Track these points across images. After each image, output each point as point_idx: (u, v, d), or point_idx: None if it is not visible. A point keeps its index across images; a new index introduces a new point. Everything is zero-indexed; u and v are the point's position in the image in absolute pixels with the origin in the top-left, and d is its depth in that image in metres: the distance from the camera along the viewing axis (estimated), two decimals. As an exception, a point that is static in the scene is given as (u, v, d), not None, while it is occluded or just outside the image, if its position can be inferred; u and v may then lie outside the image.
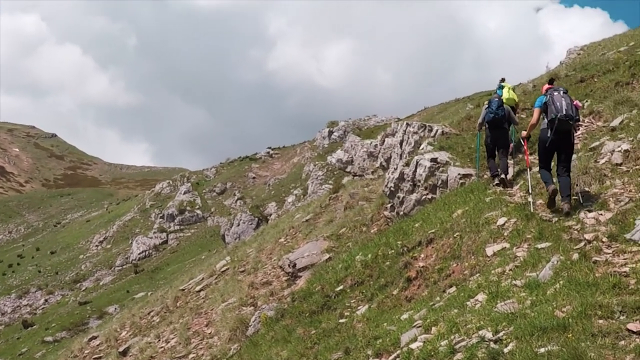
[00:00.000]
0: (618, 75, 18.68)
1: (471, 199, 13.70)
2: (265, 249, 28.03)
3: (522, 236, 10.23)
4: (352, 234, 20.96)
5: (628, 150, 12.17)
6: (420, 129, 22.58)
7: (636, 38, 26.08)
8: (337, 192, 31.07)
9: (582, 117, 16.30)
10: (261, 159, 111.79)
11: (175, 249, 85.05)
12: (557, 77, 22.52)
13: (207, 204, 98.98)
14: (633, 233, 8.67)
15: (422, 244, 12.83)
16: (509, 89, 18.17)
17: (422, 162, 17.75)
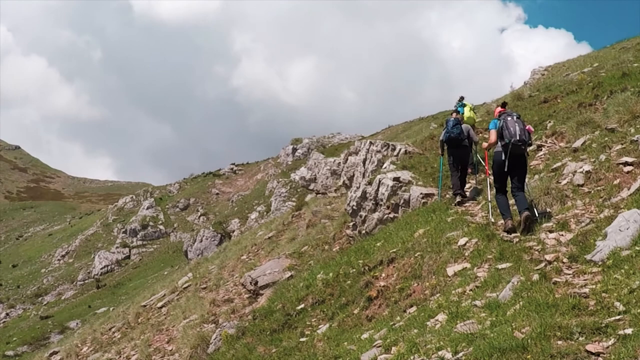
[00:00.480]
0: (581, 97, 18.81)
1: (433, 219, 13.72)
2: (227, 265, 27.90)
3: (483, 256, 10.23)
4: (314, 252, 20.91)
5: (590, 172, 12.22)
6: (384, 147, 22.62)
7: (600, 59, 26.32)
8: (300, 210, 31.02)
9: (545, 138, 16.47)
10: (225, 175, 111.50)
11: (138, 265, 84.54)
12: (522, 98, 22.72)
13: (170, 220, 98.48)
14: (593, 254, 8.67)
15: (384, 263, 12.79)
16: (470, 108, 18.71)
17: (385, 181, 17.76)
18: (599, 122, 15.17)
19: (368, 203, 18.35)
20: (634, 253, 8.05)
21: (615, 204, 10.44)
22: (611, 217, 9.77)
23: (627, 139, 12.81)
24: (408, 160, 19.97)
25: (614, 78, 18.76)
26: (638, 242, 8.37)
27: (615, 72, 19.60)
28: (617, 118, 14.55)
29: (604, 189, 11.33)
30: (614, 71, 20.25)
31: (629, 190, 10.68)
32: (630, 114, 14.27)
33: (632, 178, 11.16)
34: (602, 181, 11.75)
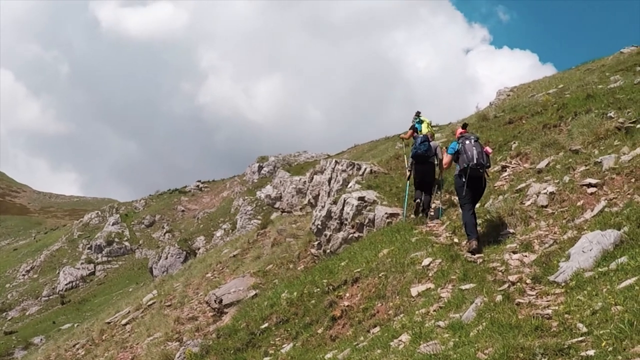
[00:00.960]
0: (546, 118, 18.92)
1: (397, 239, 13.71)
2: (192, 283, 27.77)
3: (446, 277, 10.22)
4: (279, 270, 20.85)
5: (554, 193, 12.27)
6: (349, 167, 22.68)
7: (565, 81, 26.55)
8: (266, 228, 30.95)
9: (510, 159, 16.54)
10: (191, 192, 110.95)
11: (103, 281, 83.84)
12: (487, 118, 22.84)
13: (135, 236, 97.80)
14: (557, 275, 8.69)
15: (348, 283, 12.74)
16: (426, 123, 18.80)
17: (350, 201, 17.76)
18: (563, 143, 15.26)
19: (333, 222, 18.34)
20: (596, 274, 8.07)
21: (579, 226, 10.49)
22: (575, 238, 9.80)
23: (591, 161, 12.89)
24: (373, 179, 20.02)
25: (579, 100, 18.89)
26: (601, 263, 8.39)
27: (580, 94, 19.74)
28: (581, 140, 14.65)
29: (568, 210, 11.37)
30: (578, 93, 20.39)
31: (593, 211, 10.73)
32: (594, 135, 14.37)
33: (596, 199, 11.22)
34: (565, 202, 11.80)
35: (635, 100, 16.34)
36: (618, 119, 14.76)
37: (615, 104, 16.63)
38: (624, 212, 9.74)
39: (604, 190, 11.49)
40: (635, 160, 11.60)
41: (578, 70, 30.15)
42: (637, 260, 7.87)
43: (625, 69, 24.28)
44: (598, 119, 15.36)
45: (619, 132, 13.84)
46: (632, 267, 7.76)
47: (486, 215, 13.08)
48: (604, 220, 9.88)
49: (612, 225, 9.35)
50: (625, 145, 12.70)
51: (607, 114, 15.70)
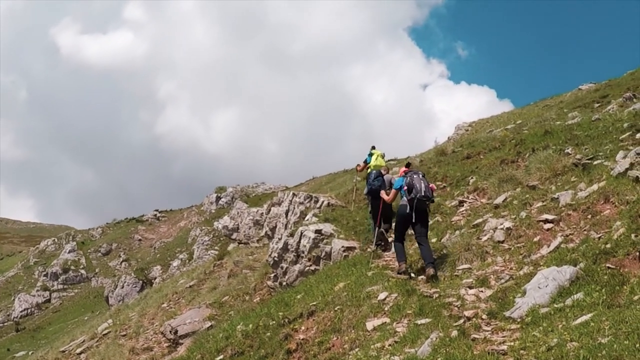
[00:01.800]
0: (504, 153, 19.04)
1: (354, 272, 13.65)
2: (148, 313, 27.50)
3: (402, 311, 10.15)
4: (235, 302, 20.71)
5: (510, 228, 12.31)
6: (307, 199, 22.68)
7: (523, 116, 26.83)
8: (222, 259, 30.82)
9: (467, 194, 16.62)
10: (148, 221, 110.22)
11: (58, 309, 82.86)
12: (445, 153, 22.97)
13: (91, 264, 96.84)
14: (512, 311, 8.67)
15: (304, 316, 12.62)
16: (377, 156, 19.22)
17: (307, 233, 17.71)
18: (520, 179, 15.35)
19: (290, 255, 18.26)
20: (552, 310, 8.05)
21: (535, 261, 10.50)
22: (531, 274, 9.80)
23: (547, 197, 12.96)
24: (330, 212, 20.02)
25: (537, 135, 19.04)
26: (557, 299, 8.39)
27: (538, 130, 19.90)
28: (538, 175, 14.74)
29: (524, 246, 11.40)
30: (536, 129, 20.56)
31: (549, 247, 10.76)
32: (551, 171, 14.47)
33: (552, 235, 11.25)
34: (522, 238, 11.84)
35: (593, 137, 16.50)
36: (575, 155, 14.87)
37: (573, 141, 16.78)
38: (580, 248, 9.76)
39: (560, 226, 11.53)
40: (591, 197, 11.67)
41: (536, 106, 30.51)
42: (593, 296, 7.87)
43: (583, 105, 24.60)
44: (555, 155, 15.47)
45: (576, 168, 13.94)
46: (588, 304, 7.76)
47: (442, 250, 13.09)
48: (560, 256, 9.89)
49: (568, 262, 9.36)
50: (582, 182, 12.79)
51: (564, 150, 15.82)
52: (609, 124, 17.22)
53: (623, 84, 28.30)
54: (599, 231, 10.20)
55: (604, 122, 17.71)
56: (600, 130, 16.90)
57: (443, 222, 15.41)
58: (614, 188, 11.35)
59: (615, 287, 8.01)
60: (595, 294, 7.94)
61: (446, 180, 19.36)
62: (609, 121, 17.62)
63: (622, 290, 7.93)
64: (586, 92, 29.94)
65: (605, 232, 10.00)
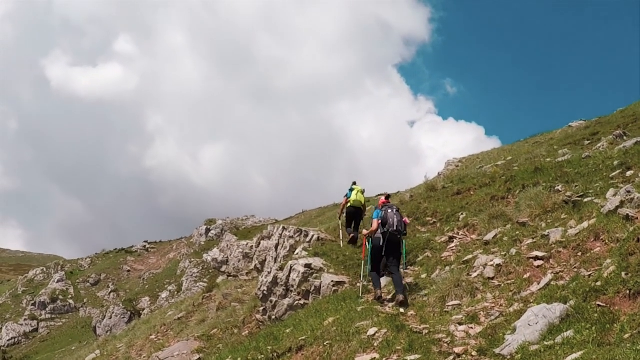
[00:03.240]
0: (494, 189, 19.08)
1: (343, 307, 13.60)
2: (135, 344, 27.34)
3: (392, 347, 10.10)
4: (224, 335, 20.58)
5: (500, 265, 12.31)
6: (297, 233, 22.72)
7: (514, 153, 26.90)
8: (211, 292, 30.66)
9: (457, 230, 16.63)
10: (137, 252, 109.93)
11: (46, 338, 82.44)
12: (435, 189, 23.01)
13: (80, 294, 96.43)
14: (502, 348, 8.65)
15: (292, 351, 12.54)
16: (357, 191, 20.76)
17: (296, 267, 17.70)
18: (510, 215, 15.39)
19: (279, 288, 18.22)
20: (542, 348, 8.04)
21: (525, 298, 10.49)
22: (521, 311, 9.79)
23: (538, 234, 12.98)
24: (320, 247, 20.02)
25: (527, 172, 19.10)
26: (547, 337, 8.37)
27: (528, 167, 19.97)
28: (528, 212, 14.78)
29: (514, 283, 11.39)
30: (526, 165, 20.64)
31: (539, 284, 10.75)
32: (541, 208, 14.51)
33: (542, 272, 11.25)
34: (512, 275, 11.83)
35: (583, 174, 16.56)
36: (565, 192, 14.93)
37: (563, 178, 16.85)
38: (571, 285, 9.75)
39: (550, 263, 11.54)
40: (581, 234, 11.68)
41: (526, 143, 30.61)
42: (583, 334, 7.86)
43: (574, 142, 24.68)
44: (546, 192, 15.52)
45: (566, 205, 13.97)
46: (578, 341, 7.74)
47: (432, 285, 13.07)
48: (550, 293, 9.88)
49: (559, 299, 9.35)
50: (572, 219, 12.82)
51: (554, 187, 15.88)
52: (599, 162, 17.28)
53: (613, 122, 28.44)
54: (589, 269, 10.20)
55: (595, 160, 17.78)
56: (591, 168, 16.97)
57: (433, 258, 15.40)
58: (604, 226, 11.36)
59: (606, 325, 8.00)
60: (586, 332, 7.93)
61: (436, 216, 19.36)
62: (600, 159, 17.68)
63: (613, 328, 7.92)
64: (576, 130, 30.06)
65: (596, 269, 10.00)
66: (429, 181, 27.77)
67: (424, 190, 24.38)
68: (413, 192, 26.18)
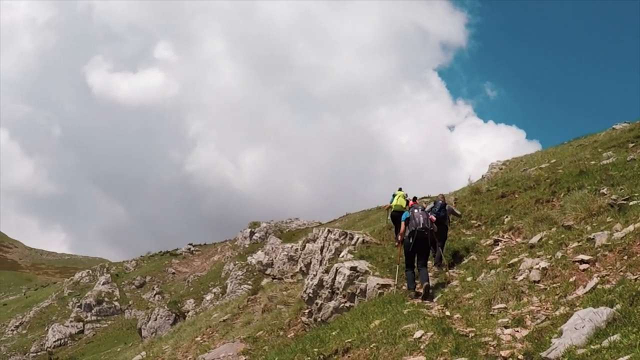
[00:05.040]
0: (539, 192, 19.01)
1: (389, 310, 13.65)
2: (181, 346, 27.56)
3: (438, 350, 10.13)
4: (269, 337, 20.68)
5: (546, 268, 12.27)
6: (341, 236, 22.78)
7: (557, 155, 26.70)
8: (256, 294, 30.80)
9: (502, 233, 16.61)
10: (182, 254, 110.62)
11: (91, 340, 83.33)
12: (479, 192, 22.97)
13: (125, 297, 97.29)
14: (549, 351, 8.65)
15: (339, 353, 12.61)
16: (399, 196, 22.18)
17: (342, 270, 17.76)
18: (555, 218, 15.33)
19: (324, 291, 18.28)
20: (589, 352, 8.04)
21: (571, 302, 10.46)
22: (567, 314, 9.77)
23: (583, 237, 12.92)
24: (365, 250, 20.07)
25: (571, 175, 19.00)
26: (593, 341, 8.36)
27: (573, 170, 19.86)
28: (573, 215, 14.71)
29: (560, 286, 11.36)
30: (571, 168, 20.51)
31: (585, 288, 10.72)
32: (586, 211, 14.44)
33: (588, 276, 11.21)
34: (558, 278, 11.80)
35: (628, 177, 16.46)
36: (611, 195, 14.84)
37: (608, 181, 16.75)
38: (617, 289, 9.73)
39: (596, 267, 11.50)
40: (627, 238, 11.63)
41: (570, 146, 30.36)
42: (630, 338, 7.86)
43: (618, 145, 24.46)
44: (591, 195, 15.43)
45: (611, 208, 13.90)
46: (625, 345, 7.74)
47: (478, 289, 13.07)
48: (596, 297, 9.86)
49: (605, 303, 9.33)
50: (618, 222, 12.76)
51: (599, 190, 15.79)
52: (644, 165, 17.17)
53: (658, 123, 28.14)
54: (635, 272, 10.17)
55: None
56: (636, 171, 16.87)
57: (478, 261, 15.41)
58: (650, 229, 11.32)
59: (653, 329, 7.99)
60: (633, 335, 7.92)
61: (481, 219, 19.34)
62: (645, 161, 17.56)
63: (659, 332, 7.91)
64: (620, 132, 29.77)
65: (642, 273, 9.96)
66: (473, 184, 27.71)
67: (468, 193, 24.33)
68: (457, 195, 26.13)
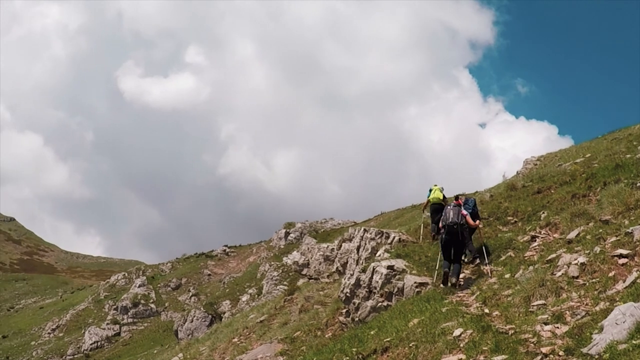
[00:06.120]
0: (575, 187, 18.88)
1: (427, 309, 13.64)
2: (218, 348, 27.61)
3: (478, 348, 10.11)
4: (307, 338, 20.68)
5: (585, 264, 12.20)
6: (377, 235, 22.75)
7: (592, 150, 26.45)
8: (293, 294, 30.79)
9: (539, 229, 16.50)
10: (217, 256, 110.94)
11: (128, 342, 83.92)
12: (515, 188, 22.85)
13: (161, 299, 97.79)
14: (590, 347, 8.63)
15: (377, 352, 12.61)
16: (435, 190, 22.81)
17: (379, 269, 17.74)
18: (593, 213, 15.22)
19: (362, 290, 18.27)
20: (630, 347, 8.01)
21: (611, 297, 10.41)
22: (607, 309, 9.73)
23: (621, 231, 12.84)
24: (402, 248, 20.03)
25: (607, 169, 18.85)
26: (635, 335, 8.33)
27: (609, 164, 19.69)
28: (611, 210, 14.61)
29: (599, 282, 11.31)
30: (607, 162, 20.33)
31: (625, 282, 10.67)
32: (624, 205, 14.34)
33: (627, 270, 11.15)
34: (597, 273, 11.74)
35: (665, 170, 16.33)
36: (648, 189, 14.74)
37: (645, 174, 16.61)
38: (657, 283, 9.68)
39: (635, 261, 11.44)
40: (666, 231, 11.56)
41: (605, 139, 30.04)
42: (672, 333, 7.82)
43: (653, 138, 24.22)
44: (627, 189, 15.33)
45: (649, 202, 13.81)
46: (667, 340, 7.71)
47: (516, 285, 13.02)
48: (636, 291, 9.82)
49: (645, 297, 9.30)
50: (656, 216, 12.68)
51: (636, 184, 15.68)
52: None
53: (694, 115, 27.84)
54: (675, 266, 10.12)
55: (676, 155, 17.51)
56: (673, 163, 16.73)
57: (516, 258, 15.32)
58: (689, 222, 11.24)
59: (695, 324, 7.94)
60: (675, 330, 7.89)
61: (517, 215, 19.24)
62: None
63: (702, 326, 7.86)
64: (656, 124, 29.44)
65: (683, 267, 9.90)
66: (508, 180, 27.52)
67: (503, 189, 24.19)
68: (492, 192, 25.98)
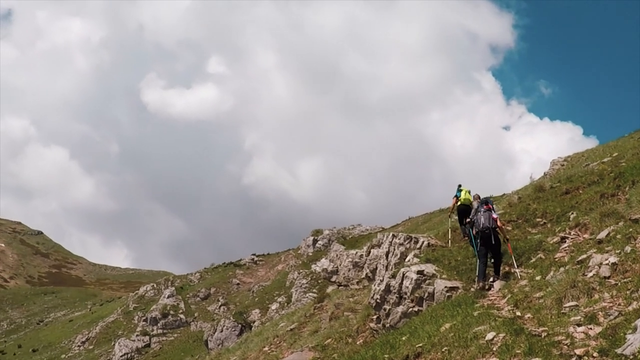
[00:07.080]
0: (603, 187, 18.79)
1: (459, 313, 13.60)
2: (249, 357, 27.68)
3: (511, 351, 10.08)
4: (338, 345, 20.66)
5: (616, 264, 12.13)
6: (406, 240, 22.73)
7: (619, 149, 26.31)
8: (322, 302, 30.81)
9: (569, 230, 16.43)
10: (245, 265, 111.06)
11: (158, 353, 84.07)
12: (543, 189, 22.79)
13: (190, 309, 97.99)
14: (624, 348, 8.59)
15: (410, 358, 12.58)
16: (465, 191, 23.23)
17: (409, 275, 17.73)
18: (622, 212, 15.14)
19: (392, 296, 18.25)
20: (665, 346, 7.97)
21: (644, 297, 10.36)
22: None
23: (652, 230, 12.77)
24: (431, 253, 19.99)
25: (635, 168, 18.75)
26: (669, 335, 8.29)
27: (636, 162, 19.57)
28: (640, 208, 14.53)
29: (631, 281, 11.23)
30: (634, 161, 20.21)
31: (657, 282, 10.61)
32: (653, 204, 14.26)
33: (659, 269, 11.09)
34: (628, 273, 11.67)
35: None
36: (677, 186, 14.65)
37: (673, 172, 16.51)
38: (690, 282, 9.61)
39: (667, 259, 11.37)
40: (697, 229, 11.48)
41: (631, 138, 29.86)
42: None
43: (680, 135, 24.06)
44: (656, 187, 15.25)
45: (678, 200, 13.73)
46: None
47: (548, 287, 12.96)
48: (669, 290, 9.76)
49: (678, 296, 9.24)
50: (687, 214, 12.59)
51: (665, 182, 15.59)
52: None
53: None
54: None
55: None
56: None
57: (546, 259, 15.25)
58: None
59: None
60: None
61: (546, 216, 19.16)
62: None
63: None
64: (682, 121, 29.28)
65: None
66: (536, 181, 27.44)
67: (531, 191, 24.11)
68: (520, 193, 25.90)
